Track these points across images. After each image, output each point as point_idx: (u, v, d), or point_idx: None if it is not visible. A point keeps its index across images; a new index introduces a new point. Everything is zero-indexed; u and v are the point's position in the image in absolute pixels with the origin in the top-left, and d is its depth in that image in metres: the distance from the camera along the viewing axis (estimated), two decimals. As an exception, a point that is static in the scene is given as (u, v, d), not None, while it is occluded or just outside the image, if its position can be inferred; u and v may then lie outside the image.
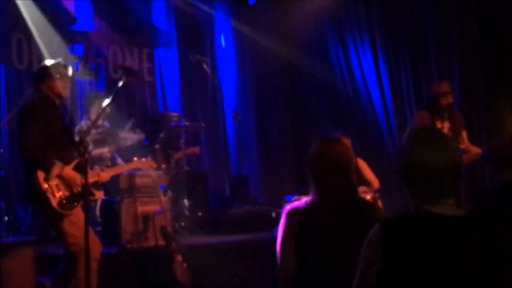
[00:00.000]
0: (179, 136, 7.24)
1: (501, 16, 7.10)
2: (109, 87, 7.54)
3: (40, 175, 4.18)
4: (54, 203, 4.19)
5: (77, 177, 4.27)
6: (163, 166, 6.61)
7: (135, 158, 5.25)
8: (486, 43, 7.32)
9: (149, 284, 5.32)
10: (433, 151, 2.01)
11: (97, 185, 4.62)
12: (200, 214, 7.03)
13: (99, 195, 4.72)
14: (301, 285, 2.84)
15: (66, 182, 4.28)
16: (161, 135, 6.89)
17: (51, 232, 5.35)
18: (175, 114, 7.59)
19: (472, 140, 6.19)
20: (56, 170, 4.24)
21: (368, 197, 5.95)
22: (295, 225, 2.85)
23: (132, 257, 5.22)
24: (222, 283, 5.66)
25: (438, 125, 6.03)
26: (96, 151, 6.49)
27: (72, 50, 7.57)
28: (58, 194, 4.22)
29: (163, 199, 5.92)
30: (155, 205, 5.84)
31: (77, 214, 4.30)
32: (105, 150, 6.53)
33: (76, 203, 4.30)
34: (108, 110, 6.14)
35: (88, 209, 4.04)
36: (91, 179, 4.42)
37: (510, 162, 3.50)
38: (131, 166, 5.26)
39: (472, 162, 5.99)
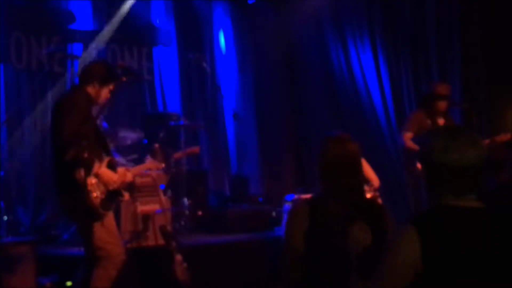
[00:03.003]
0: (178, 135, 7.22)
1: (503, 15, 7.08)
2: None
3: (81, 171, 3.94)
4: (96, 201, 3.97)
5: (113, 176, 4.13)
6: (163, 165, 6.59)
7: (148, 159, 4.98)
8: (488, 41, 7.29)
9: (149, 284, 5.31)
10: (459, 149, 2.00)
11: (124, 185, 4.40)
12: (200, 213, 7.02)
13: (126, 195, 4.43)
14: (309, 283, 2.83)
15: (102, 181, 4.07)
16: (161, 134, 6.87)
17: (51, 232, 5.33)
18: (175, 113, 7.57)
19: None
20: (95, 167, 4.03)
21: (368, 195, 5.94)
22: (305, 222, 2.82)
23: (131, 257, 5.21)
24: (222, 282, 5.65)
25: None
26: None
27: (71, 49, 7.53)
28: (96, 194, 4.01)
29: (163, 198, 5.90)
30: (154, 204, 5.82)
31: (109, 217, 4.15)
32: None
33: (111, 203, 4.14)
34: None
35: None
36: (120, 179, 4.27)
37: (503, 166, 3.54)
38: (143, 167, 4.96)
39: None
